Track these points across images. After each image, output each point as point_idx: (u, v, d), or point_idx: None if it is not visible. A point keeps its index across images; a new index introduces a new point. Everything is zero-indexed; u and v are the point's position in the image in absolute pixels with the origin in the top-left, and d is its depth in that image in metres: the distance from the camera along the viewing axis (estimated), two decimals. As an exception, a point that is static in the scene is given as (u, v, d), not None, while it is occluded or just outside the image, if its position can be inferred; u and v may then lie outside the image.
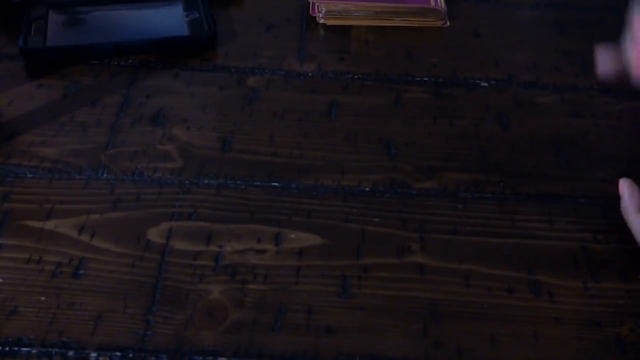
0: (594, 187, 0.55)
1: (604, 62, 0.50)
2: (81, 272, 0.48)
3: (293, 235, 0.51)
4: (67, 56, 0.65)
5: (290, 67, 0.66)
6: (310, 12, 0.72)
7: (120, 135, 0.58)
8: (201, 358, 0.43)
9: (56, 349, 0.43)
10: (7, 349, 0.43)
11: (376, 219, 0.52)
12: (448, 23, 0.72)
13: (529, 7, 0.76)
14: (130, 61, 0.65)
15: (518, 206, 0.53)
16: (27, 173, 0.54)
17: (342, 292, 0.47)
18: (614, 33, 0.73)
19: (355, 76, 0.65)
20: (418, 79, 0.65)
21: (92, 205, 0.52)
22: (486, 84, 0.65)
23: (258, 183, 0.54)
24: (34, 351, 0.43)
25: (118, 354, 0.43)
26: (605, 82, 0.49)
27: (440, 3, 0.73)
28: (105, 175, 0.54)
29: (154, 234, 0.50)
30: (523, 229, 0.52)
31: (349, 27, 0.71)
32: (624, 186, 0.50)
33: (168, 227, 0.51)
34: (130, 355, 0.43)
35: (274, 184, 0.54)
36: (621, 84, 0.49)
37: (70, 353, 0.43)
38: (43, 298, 0.46)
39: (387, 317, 0.46)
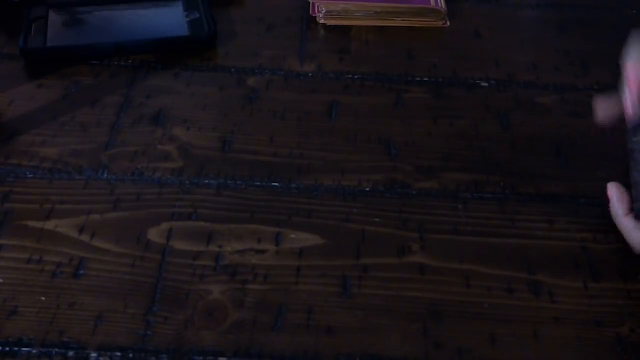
0: (594, 187, 0.55)
1: (602, 109, 0.52)
2: (81, 272, 0.48)
3: (293, 235, 0.51)
4: (67, 56, 0.65)
5: (290, 67, 0.66)
6: (310, 12, 0.72)
7: (120, 135, 0.58)
8: (201, 358, 0.43)
9: (56, 349, 0.43)
10: (7, 349, 0.43)
11: (376, 219, 0.52)
12: (448, 23, 0.72)
13: (529, 7, 0.76)
14: (130, 61, 0.66)
15: (518, 206, 0.53)
16: (27, 173, 0.54)
17: (342, 292, 0.47)
18: (614, 33, 0.73)
19: (355, 76, 0.65)
20: (418, 79, 0.65)
21: (92, 205, 0.52)
22: (486, 84, 0.65)
23: (258, 183, 0.54)
24: (34, 351, 0.43)
25: (118, 354, 0.43)
26: (604, 125, 0.52)
27: (441, 3, 0.73)
28: (105, 175, 0.54)
29: (154, 234, 0.50)
30: (523, 229, 0.52)
31: (349, 27, 0.71)
32: (612, 190, 0.50)
33: (168, 227, 0.51)
34: (130, 355, 0.43)
35: (274, 184, 0.54)
36: (620, 125, 0.51)
37: (70, 353, 0.43)
38: (43, 298, 0.46)
39: (387, 317, 0.46)
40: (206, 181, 0.54)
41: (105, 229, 0.50)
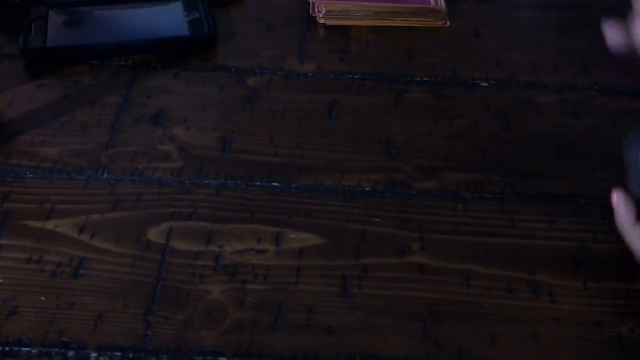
0: (594, 187, 0.55)
1: (612, 34, 0.49)
2: (81, 272, 0.48)
3: (293, 235, 0.51)
4: (67, 56, 0.65)
5: (290, 67, 0.66)
6: (310, 12, 0.72)
7: (120, 135, 0.58)
8: (201, 358, 0.43)
9: (56, 349, 0.43)
10: (7, 349, 0.43)
11: (376, 219, 0.52)
12: (448, 23, 0.72)
13: (529, 7, 0.76)
14: (130, 61, 0.66)
15: (518, 206, 0.53)
16: (27, 173, 0.54)
17: (342, 292, 0.47)
18: (614, 33, 0.72)
19: (355, 76, 0.65)
20: (418, 79, 0.65)
21: (92, 205, 0.52)
22: (486, 84, 0.65)
23: (258, 183, 0.54)
24: (34, 351, 0.43)
25: (118, 354, 0.43)
26: (616, 53, 0.49)
27: (441, 3, 0.73)
28: (105, 175, 0.54)
29: (154, 234, 0.50)
30: (523, 229, 0.52)
31: (349, 27, 0.71)
32: (619, 199, 0.47)
33: (168, 227, 0.51)
34: (130, 355, 0.43)
35: (274, 184, 0.54)
36: (631, 56, 0.49)
37: (70, 353, 0.43)
38: (43, 298, 0.46)
39: (387, 317, 0.46)
40: (206, 181, 0.54)
41: (105, 229, 0.50)
